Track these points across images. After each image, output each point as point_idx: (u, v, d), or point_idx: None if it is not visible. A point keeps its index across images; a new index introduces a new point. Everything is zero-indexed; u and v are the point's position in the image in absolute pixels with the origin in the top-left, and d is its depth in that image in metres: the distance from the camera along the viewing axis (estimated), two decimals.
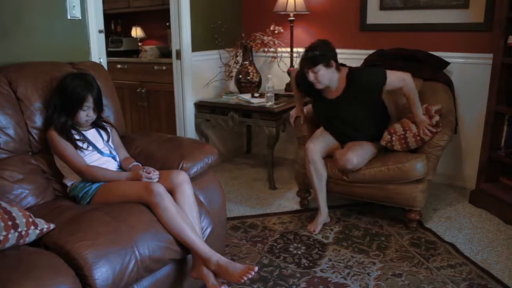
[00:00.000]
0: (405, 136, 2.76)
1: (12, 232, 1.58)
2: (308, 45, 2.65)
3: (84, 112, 2.06)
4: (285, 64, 3.88)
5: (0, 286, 1.36)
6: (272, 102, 3.40)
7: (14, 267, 1.46)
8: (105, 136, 2.19)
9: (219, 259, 1.84)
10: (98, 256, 1.60)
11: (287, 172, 3.84)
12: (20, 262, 1.51)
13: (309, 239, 2.68)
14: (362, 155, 2.70)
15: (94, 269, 1.57)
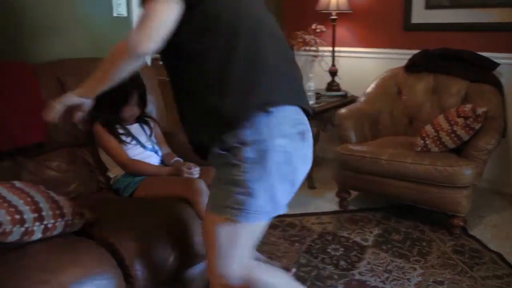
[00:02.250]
0: (438, 137, 2.68)
1: (59, 221, 1.64)
2: None
3: (129, 107, 2.10)
4: (326, 63, 3.83)
5: (49, 272, 1.41)
6: (313, 102, 3.37)
7: (61, 254, 1.53)
8: (148, 131, 2.23)
9: (257, 258, 1.84)
10: (140, 248, 1.63)
11: (326, 172, 3.79)
12: (67, 249, 1.56)
13: (347, 241, 2.64)
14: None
15: (135, 261, 1.60)
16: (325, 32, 3.74)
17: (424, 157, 2.67)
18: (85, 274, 1.47)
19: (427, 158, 2.65)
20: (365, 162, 2.80)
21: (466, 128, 2.63)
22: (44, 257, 1.50)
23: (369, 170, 2.80)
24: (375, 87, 3.35)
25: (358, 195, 3.26)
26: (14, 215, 1.51)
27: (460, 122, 2.65)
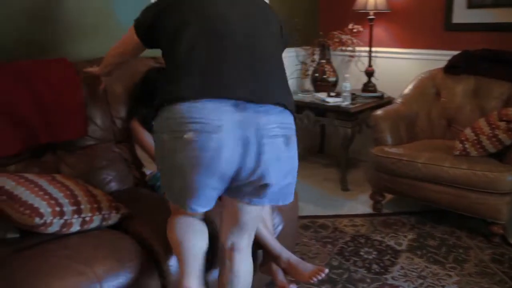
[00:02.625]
0: (478, 141, 2.60)
1: (97, 214, 1.68)
2: None
3: None
4: (363, 64, 3.78)
5: (86, 263, 1.45)
6: (349, 102, 3.33)
7: (98, 247, 1.57)
8: None
9: (290, 257, 1.83)
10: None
11: (360, 174, 3.75)
12: (103, 242, 1.61)
13: (381, 244, 2.60)
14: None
15: (168, 256, 1.62)
16: (362, 32, 3.70)
17: (462, 161, 2.59)
18: (120, 267, 1.50)
19: (466, 162, 2.58)
20: (400, 165, 2.75)
21: (509, 132, 2.54)
22: (82, 249, 1.54)
23: (404, 173, 2.75)
24: (412, 89, 3.28)
25: (393, 198, 3.21)
26: (55, 207, 1.57)
27: (502, 125, 2.56)
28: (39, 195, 1.58)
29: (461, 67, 3.16)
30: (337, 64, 3.93)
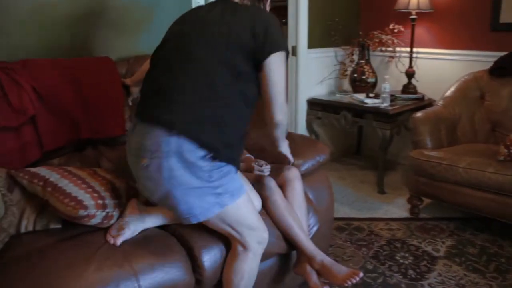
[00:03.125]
0: None
1: None
2: None
3: None
4: (403, 65, 3.70)
5: (125, 256, 1.50)
6: (388, 104, 3.27)
7: (136, 241, 1.61)
8: None
9: (324, 259, 1.82)
10: (207, 241, 1.67)
11: (398, 177, 3.67)
12: (141, 237, 1.65)
13: (417, 250, 2.54)
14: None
15: (203, 252, 1.65)
16: (403, 32, 3.62)
17: (507, 167, 2.50)
18: (156, 261, 1.53)
19: (511, 168, 2.48)
20: (440, 169, 2.68)
21: None
22: (124, 243, 1.59)
23: (444, 177, 2.67)
24: (454, 91, 3.19)
25: (431, 203, 3.13)
26: (97, 200, 1.62)
27: None
28: (83, 187, 1.63)
29: (508, 69, 3.04)
30: (376, 65, 3.87)
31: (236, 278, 1.64)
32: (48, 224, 1.69)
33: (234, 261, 1.65)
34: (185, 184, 1.44)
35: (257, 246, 1.66)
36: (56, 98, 1.97)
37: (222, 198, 1.52)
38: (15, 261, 1.46)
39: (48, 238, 1.62)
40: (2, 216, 1.53)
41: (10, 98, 1.84)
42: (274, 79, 1.52)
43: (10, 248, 1.53)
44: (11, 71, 1.91)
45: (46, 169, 1.70)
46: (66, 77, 2.03)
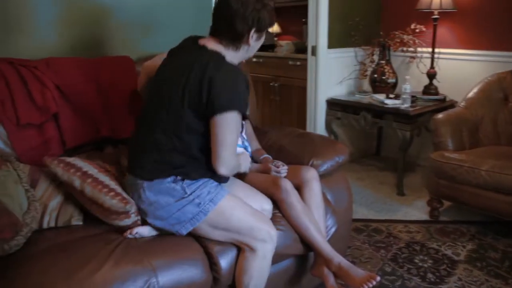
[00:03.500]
0: None
1: None
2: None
3: None
4: (425, 65, 3.65)
5: (144, 253, 1.52)
6: (408, 105, 3.23)
7: (156, 239, 1.65)
8: None
9: (341, 262, 1.81)
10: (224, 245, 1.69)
11: (417, 178, 3.63)
12: (162, 236, 1.68)
13: (437, 253, 2.51)
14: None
15: (219, 250, 1.66)
16: (425, 32, 3.57)
17: None
18: (175, 258, 1.56)
19: None
20: (462, 171, 2.63)
21: None
22: (142, 241, 1.61)
23: (466, 180, 2.63)
24: (477, 92, 3.13)
25: (451, 206, 3.08)
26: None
27: None
28: (118, 185, 1.70)
29: None
30: (397, 65, 3.83)
31: (245, 278, 1.65)
32: (70, 220, 1.72)
33: (242, 261, 1.66)
34: (165, 204, 1.63)
35: (261, 245, 1.65)
36: (78, 96, 2.01)
37: (203, 206, 1.62)
38: (38, 254, 1.49)
39: (70, 234, 1.65)
40: (25, 211, 1.56)
41: (34, 96, 1.88)
42: (219, 137, 1.58)
43: (33, 242, 1.56)
44: (35, 69, 1.95)
45: (82, 161, 1.73)
46: (88, 76, 2.06)
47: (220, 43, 1.67)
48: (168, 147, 1.62)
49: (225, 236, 1.67)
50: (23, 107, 1.86)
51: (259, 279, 1.68)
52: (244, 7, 1.60)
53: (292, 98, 4.24)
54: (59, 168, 1.66)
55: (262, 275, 1.68)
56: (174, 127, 1.61)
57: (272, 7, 1.67)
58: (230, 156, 1.62)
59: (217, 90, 1.54)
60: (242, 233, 1.65)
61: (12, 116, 1.83)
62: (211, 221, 1.63)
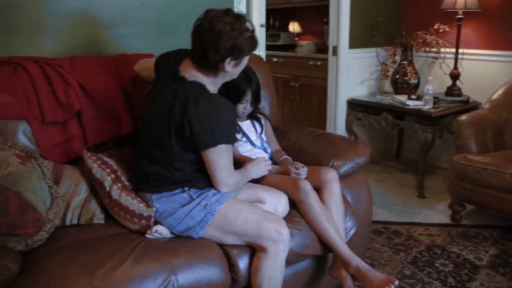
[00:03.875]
0: None
1: None
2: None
3: (242, 105, 2.13)
4: (448, 66, 3.59)
5: (165, 252, 1.54)
6: (430, 106, 3.18)
7: (176, 239, 1.66)
8: (258, 128, 2.26)
9: (359, 264, 1.79)
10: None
11: (438, 181, 3.58)
12: (179, 237, 1.69)
13: (458, 257, 2.46)
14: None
15: (237, 251, 1.66)
16: (448, 32, 3.52)
17: None
18: (194, 257, 1.56)
19: None
20: (485, 174, 2.58)
21: None
22: (162, 240, 1.63)
23: (489, 183, 2.58)
24: (502, 94, 3.06)
25: (474, 210, 3.03)
26: None
27: None
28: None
29: None
30: (419, 66, 3.78)
31: (259, 278, 1.64)
32: (92, 219, 1.75)
33: (256, 261, 1.66)
34: (173, 211, 1.67)
35: (272, 244, 1.63)
36: (100, 94, 2.03)
37: (209, 207, 1.65)
38: (61, 250, 1.52)
39: (92, 231, 1.68)
40: (49, 207, 1.59)
41: (58, 94, 1.91)
42: (212, 165, 1.66)
43: (55, 238, 1.59)
44: (59, 68, 1.98)
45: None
46: (110, 74, 2.08)
47: (199, 70, 1.68)
48: (170, 172, 1.70)
49: (237, 240, 1.67)
50: (48, 105, 1.89)
51: (273, 279, 1.65)
52: (217, 37, 1.59)
53: (312, 98, 4.23)
54: (95, 164, 1.74)
55: (276, 275, 1.66)
56: (168, 161, 1.69)
57: (251, 33, 1.66)
58: (227, 176, 1.69)
59: (198, 129, 1.58)
60: (250, 235, 1.64)
61: (37, 114, 1.87)
62: (219, 225, 1.65)
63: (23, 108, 1.84)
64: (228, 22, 1.60)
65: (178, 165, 1.69)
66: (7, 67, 1.89)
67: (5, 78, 1.84)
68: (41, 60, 1.99)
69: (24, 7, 2.06)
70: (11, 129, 1.80)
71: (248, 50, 1.67)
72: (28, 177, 1.56)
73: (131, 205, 1.68)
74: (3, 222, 1.42)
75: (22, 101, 1.85)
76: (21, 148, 1.67)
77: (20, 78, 1.88)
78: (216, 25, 1.59)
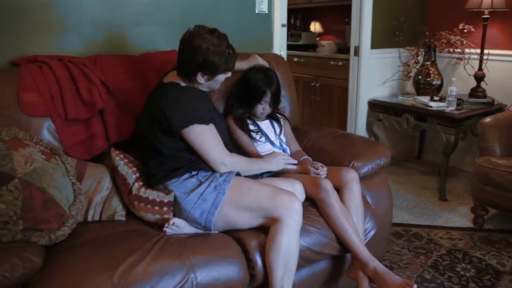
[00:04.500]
0: None
1: None
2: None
3: (261, 105, 2.14)
4: (472, 67, 3.53)
5: (184, 249, 1.55)
6: (454, 107, 3.13)
7: (195, 237, 1.67)
8: (277, 128, 2.26)
9: (377, 266, 1.78)
10: (262, 240, 1.69)
11: (461, 184, 3.52)
12: (199, 234, 1.70)
13: (480, 262, 2.42)
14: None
15: (257, 249, 1.67)
16: (473, 32, 3.45)
17: None
18: (213, 255, 1.57)
19: None
20: (510, 178, 2.53)
21: None
22: (182, 237, 1.64)
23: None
24: None
25: (497, 214, 2.97)
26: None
27: None
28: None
29: None
30: (442, 67, 3.72)
31: (273, 252, 1.62)
32: (113, 215, 1.78)
33: (272, 233, 1.65)
34: (185, 196, 1.72)
35: (288, 214, 1.64)
36: (123, 93, 2.06)
37: (219, 188, 1.71)
38: (82, 245, 1.55)
39: (113, 228, 1.71)
40: (71, 203, 1.62)
41: (81, 92, 1.95)
42: (197, 147, 1.78)
43: (77, 233, 1.62)
44: (83, 66, 2.01)
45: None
46: (133, 73, 2.11)
47: (177, 75, 1.85)
48: (172, 161, 1.79)
49: (253, 216, 1.69)
50: (71, 103, 1.93)
51: (288, 253, 1.62)
52: (193, 51, 1.75)
53: (332, 98, 4.20)
54: (122, 162, 1.81)
55: (291, 249, 1.63)
56: (167, 152, 1.79)
57: (227, 53, 1.79)
58: (219, 155, 1.79)
59: (169, 115, 1.73)
60: (264, 207, 1.67)
61: (60, 112, 1.91)
62: (233, 201, 1.69)
63: (48, 106, 1.88)
64: (207, 40, 1.75)
65: (176, 153, 1.78)
66: (33, 65, 1.93)
67: (31, 76, 1.88)
68: (65, 59, 2.03)
69: (48, 7, 2.10)
70: (36, 126, 1.84)
71: (223, 69, 1.81)
72: (52, 174, 1.59)
73: (151, 195, 1.73)
74: (27, 217, 1.46)
75: (47, 99, 1.89)
76: (45, 145, 1.71)
77: (46, 76, 1.92)
78: (195, 41, 1.74)
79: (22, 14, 2.03)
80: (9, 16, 2.00)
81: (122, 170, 1.79)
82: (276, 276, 1.62)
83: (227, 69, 1.83)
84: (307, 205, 1.88)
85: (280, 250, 1.61)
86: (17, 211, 1.44)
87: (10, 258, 1.32)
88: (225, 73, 1.84)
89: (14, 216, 1.43)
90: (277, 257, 1.62)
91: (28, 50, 2.06)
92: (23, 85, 1.85)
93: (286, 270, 1.63)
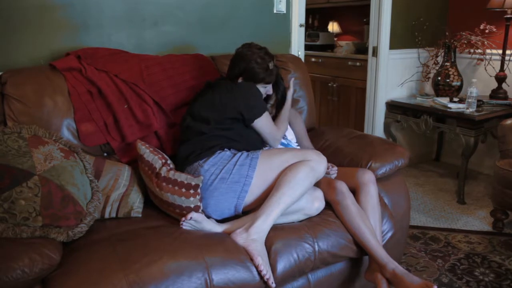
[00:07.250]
0: None
1: None
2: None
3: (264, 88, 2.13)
4: (493, 68, 3.47)
5: (199, 249, 1.54)
6: (473, 109, 3.08)
7: (211, 238, 1.65)
8: None
9: (396, 268, 1.75)
10: (282, 246, 1.67)
11: (480, 187, 3.46)
12: (216, 235, 1.69)
13: (500, 267, 2.38)
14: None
15: (272, 250, 1.65)
16: (495, 33, 3.39)
17: None
18: (229, 257, 1.55)
19: None
20: None
21: None
22: (197, 236, 1.64)
23: None
24: None
25: None
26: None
27: None
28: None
29: None
30: (462, 68, 3.66)
31: (287, 177, 1.72)
32: (130, 212, 1.79)
33: (292, 164, 1.77)
34: (223, 164, 1.81)
35: (315, 158, 1.77)
36: (172, 108, 2.12)
37: (252, 155, 1.82)
38: (99, 242, 1.56)
39: (130, 225, 1.72)
40: (89, 201, 1.64)
41: (135, 111, 2.02)
42: (263, 133, 2.00)
43: (95, 230, 1.64)
44: (134, 85, 2.05)
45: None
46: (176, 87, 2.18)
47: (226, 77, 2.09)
48: (208, 142, 1.89)
49: (282, 164, 1.78)
50: (127, 125, 2.00)
51: (297, 185, 1.71)
52: (239, 58, 2.00)
53: (350, 99, 4.17)
54: (148, 150, 1.83)
55: (302, 184, 1.72)
56: (206, 134, 1.91)
57: (268, 66, 1.99)
58: (277, 135, 2.04)
59: (246, 102, 1.92)
60: (298, 155, 1.79)
61: (115, 136, 1.99)
62: (266, 159, 1.80)
63: (104, 134, 1.97)
64: (255, 51, 1.99)
65: (220, 133, 1.90)
66: (85, 94, 1.98)
67: (83, 105, 1.96)
68: (111, 71, 2.05)
69: (69, 6, 2.13)
70: (56, 124, 1.87)
71: (261, 79, 1.99)
72: (71, 171, 1.61)
73: (179, 178, 1.74)
74: (46, 214, 1.48)
75: (101, 126, 1.98)
76: (64, 142, 1.73)
77: (96, 103, 1.99)
78: (244, 50, 2.01)
79: (41, 13, 2.07)
80: (31, 14, 2.04)
81: (148, 157, 1.81)
82: (279, 188, 1.71)
83: (266, 80, 1.99)
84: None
85: (293, 180, 1.71)
86: (37, 208, 1.46)
87: (30, 253, 1.33)
88: (264, 85, 2.02)
89: (33, 212, 1.45)
90: (287, 183, 1.71)
91: (47, 48, 2.10)
92: (79, 117, 1.95)
93: (289, 188, 1.71)
